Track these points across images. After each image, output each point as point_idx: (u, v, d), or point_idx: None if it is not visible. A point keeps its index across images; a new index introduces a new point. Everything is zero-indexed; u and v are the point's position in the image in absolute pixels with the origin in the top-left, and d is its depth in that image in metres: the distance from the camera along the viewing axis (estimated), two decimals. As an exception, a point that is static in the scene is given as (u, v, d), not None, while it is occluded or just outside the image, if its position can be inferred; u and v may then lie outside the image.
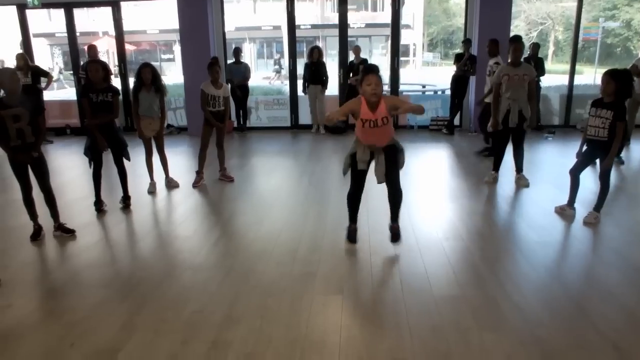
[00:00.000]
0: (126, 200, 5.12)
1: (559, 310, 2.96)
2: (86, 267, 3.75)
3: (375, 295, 3.20)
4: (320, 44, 27.39)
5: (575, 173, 4.55)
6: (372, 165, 3.72)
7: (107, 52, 21.84)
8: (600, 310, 2.95)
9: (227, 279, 3.49)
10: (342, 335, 2.73)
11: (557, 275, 3.48)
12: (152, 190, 5.67)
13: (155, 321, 2.93)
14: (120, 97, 5.20)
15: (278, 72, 24.97)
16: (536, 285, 3.29)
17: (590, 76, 18.71)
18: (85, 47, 9.13)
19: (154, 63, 6.19)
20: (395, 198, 3.83)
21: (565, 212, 4.62)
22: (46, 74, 8.97)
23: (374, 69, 3.52)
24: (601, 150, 4.32)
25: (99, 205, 4.98)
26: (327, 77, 9.54)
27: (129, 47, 25.22)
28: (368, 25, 30.83)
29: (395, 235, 3.91)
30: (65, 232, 4.32)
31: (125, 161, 5.10)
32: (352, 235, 3.99)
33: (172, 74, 22.63)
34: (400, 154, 3.73)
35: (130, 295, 3.29)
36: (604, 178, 4.40)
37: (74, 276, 3.61)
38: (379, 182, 3.70)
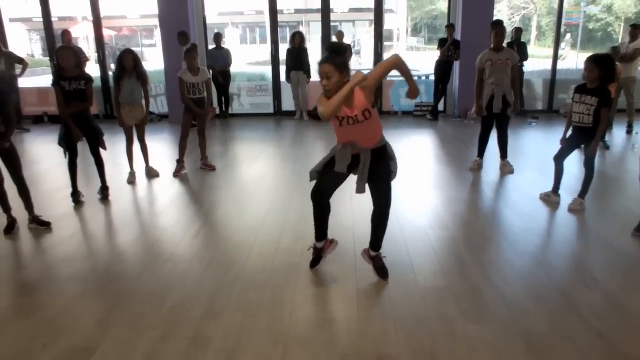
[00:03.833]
0: (104, 190, 4.98)
1: (543, 298, 2.94)
2: (61, 260, 3.63)
3: (359, 286, 3.13)
4: (303, 29, 27.09)
5: (559, 160, 4.53)
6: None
7: (86, 38, 21.31)
8: (585, 298, 2.93)
9: (208, 271, 3.40)
10: (325, 329, 2.67)
11: (542, 262, 3.46)
12: (131, 180, 5.53)
13: (133, 317, 2.84)
14: (99, 84, 5.02)
15: None
16: (521, 273, 3.27)
17: (573, 60, 18.79)
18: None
19: (134, 49, 6.00)
20: (379, 218, 3.10)
21: (550, 198, 4.60)
22: (21, 60, 8.67)
23: (326, 58, 2.78)
24: (586, 137, 4.29)
25: (75, 196, 4.83)
26: (309, 65, 9.37)
27: (109, 33, 24.64)
28: (351, 10, 30.50)
29: (380, 269, 3.19)
30: (40, 225, 4.17)
31: (102, 150, 4.95)
32: (315, 260, 3.34)
33: (154, 60, 22.19)
34: (392, 161, 3.05)
35: (107, 289, 3.18)
36: (589, 164, 4.38)
37: (48, 270, 3.48)
38: (358, 191, 2.99)
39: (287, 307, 2.90)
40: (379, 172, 3.00)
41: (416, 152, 6.88)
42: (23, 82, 9.48)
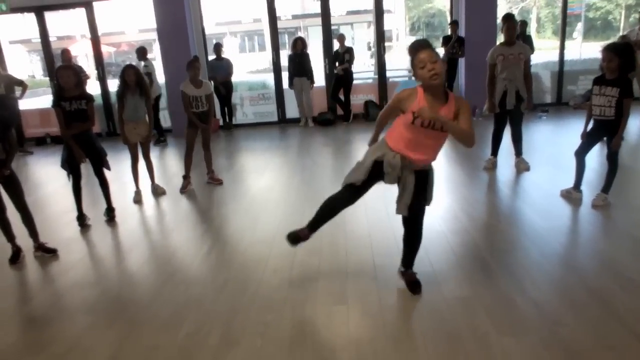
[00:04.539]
0: (110, 212, 4.84)
1: (579, 304, 2.76)
2: (69, 289, 3.49)
3: (382, 301, 2.97)
4: (302, 34, 27.00)
5: (581, 155, 4.34)
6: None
7: (86, 56, 21.32)
8: (622, 301, 2.75)
9: (223, 292, 3.25)
10: (351, 352, 2.51)
11: (571, 264, 3.28)
12: (138, 199, 5.40)
13: (147, 348, 2.69)
14: (100, 101, 4.91)
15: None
16: (552, 278, 3.10)
17: (577, 51, 18.56)
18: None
19: (135, 63, 5.90)
20: (413, 240, 2.97)
21: (572, 195, 4.42)
22: (20, 83, 8.59)
23: (421, 44, 2.59)
24: (608, 130, 4.11)
25: (82, 220, 4.71)
26: (311, 71, 9.24)
27: (108, 49, 24.66)
28: (349, 13, 30.41)
29: (413, 284, 3.02)
30: (46, 252, 4.04)
31: (106, 171, 4.82)
32: (296, 239, 3.15)
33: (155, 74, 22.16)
34: (430, 186, 2.88)
35: (118, 319, 3.03)
36: (612, 158, 4.20)
37: (56, 301, 3.35)
38: (400, 212, 2.85)
39: (309, 328, 2.75)
40: (421, 189, 2.80)
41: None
42: (24, 103, 9.42)
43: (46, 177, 7.20)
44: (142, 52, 8.63)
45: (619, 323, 2.56)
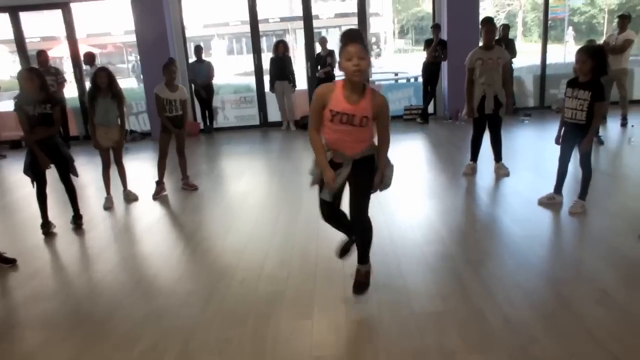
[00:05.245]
0: (77, 220, 4.67)
1: (552, 320, 2.66)
2: (25, 302, 3.33)
3: (349, 316, 2.85)
4: (289, 37, 26.90)
5: (563, 161, 4.25)
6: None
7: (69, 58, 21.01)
8: (597, 317, 2.65)
9: (185, 306, 3.11)
10: (311, 371, 2.38)
11: (546, 276, 3.19)
12: (108, 206, 5.22)
13: (99, 367, 2.55)
14: (77, 104, 4.72)
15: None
16: (525, 291, 2.99)
17: (560, 55, 18.66)
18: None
19: (120, 65, 5.74)
20: (360, 233, 2.87)
21: (555, 200, 4.33)
22: (-7, 85, 8.37)
23: (353, 36, 2.54)
24: (581, 134, 4.04)
25: (46, 228, 4.53)
26: (293, 74, 9.12)
27: (93, 50, 24.37)
28: (337, 15, 30.35)
29: (355, 284, 2.93)
30: (4, 263, 3.86)
31: (77, 177, 4.66)
32: (346, 248, 3.20)
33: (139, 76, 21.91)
34: (388, 170, 2.82)
35: (74, 334, 2.88)
36: (585, 162, 4.13)
37: (10, 316, 3.19)
38: (323, 197, 2.83)
39: (269, 345, 2.61)
40: (358, 179, 2.74)
41: (407, 159, 6.61)
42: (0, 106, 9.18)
43: (18, 182, 6.95)
44: (90, 58, 8.48)
45: (592, 341, 2.45)
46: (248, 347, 2.62)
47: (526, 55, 13.93)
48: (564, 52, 18.89)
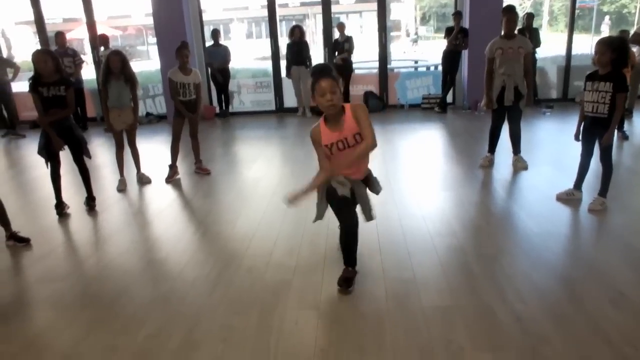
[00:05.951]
0: (90, 201, 4.70)
1: (565, 320, 2.58)
2: (36, 282, 3.36)
3: (356, 308, 2.81)
4: (309, 21, 26.64)
5: (586, 157, 4.12)
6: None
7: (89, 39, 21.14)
8: (613, 320, 2.56)
9: (192, 291, 3.10)
10: (315, 363, 2.35)
11: (561, 275, 3.10)
12: (121, 188, 5.25)
13: (104, 349, 2.55)
14: (95, 86, 4.72)
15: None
16: (538, 289, 2.91)
17: (587, 45, 18.15)
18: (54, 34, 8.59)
19: (141, 47, 5.73)
20: (346, 237, 2.98)
21: (574, 196, 4.21)
22: (12, 65, 8.44)
23: (324, 71, 2.70)
24: (602, 128, 3.90)
25: (60, 208, 4.56)
26: (310, 59, 9.02)
27: (114, 33, 24.42)
28: (358, 1, 29.95)
29: (341, 278, 2.96)
30: (18, 242, 3.90)
31: (92, 157, 4.68)
32: (348, 281, 2.96)
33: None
34: (374, 183, 3.06)
35: (79, 316, 2.89)
36: (605, 158, 3.99)
37: (21, 295, 3.23)
38: (369, 219, 3.02)
39: (274, 334, 2.59)
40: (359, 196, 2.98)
41: (424, 149, 6.51)
42: (20, 86, 9.26)
43: (35, 162, 7.02)
44: (104, 40, 8.53)
45: (606, 344, 2.38)
46: (252, 335, 2.60)
47: (552, 45, 13.56)
48: (592, 43, 18.35)
